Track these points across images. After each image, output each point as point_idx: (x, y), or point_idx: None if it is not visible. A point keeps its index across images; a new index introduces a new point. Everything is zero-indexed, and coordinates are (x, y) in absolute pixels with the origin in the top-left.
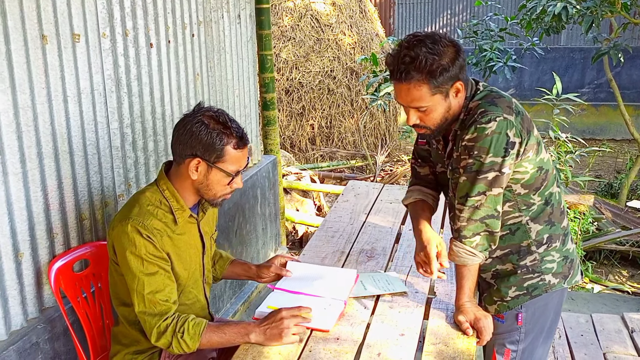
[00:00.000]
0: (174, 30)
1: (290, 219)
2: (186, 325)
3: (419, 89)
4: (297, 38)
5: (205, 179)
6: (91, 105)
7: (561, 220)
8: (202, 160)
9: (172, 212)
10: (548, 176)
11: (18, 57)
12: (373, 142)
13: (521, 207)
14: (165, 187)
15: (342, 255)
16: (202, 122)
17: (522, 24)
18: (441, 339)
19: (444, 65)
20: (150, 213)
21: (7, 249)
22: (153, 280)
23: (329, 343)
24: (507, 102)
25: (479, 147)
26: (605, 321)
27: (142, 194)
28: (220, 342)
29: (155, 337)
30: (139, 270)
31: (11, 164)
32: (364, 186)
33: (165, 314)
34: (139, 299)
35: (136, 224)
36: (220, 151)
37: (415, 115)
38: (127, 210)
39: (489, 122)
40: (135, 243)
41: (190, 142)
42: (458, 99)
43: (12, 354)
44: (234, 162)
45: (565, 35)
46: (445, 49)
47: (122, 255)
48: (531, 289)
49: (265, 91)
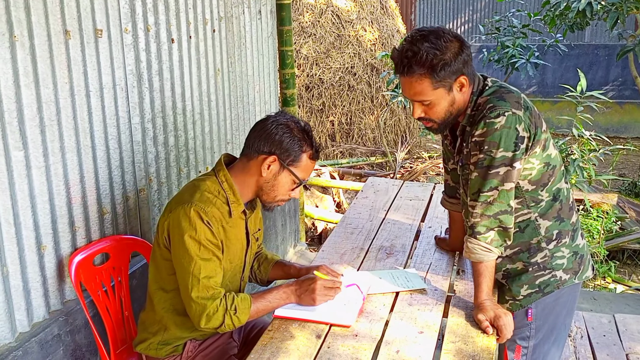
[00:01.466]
0: (195, 25)
1: (310, 215)
2: (237, 302)
3: (421, 82)
4: (317, 34)
5: (273, 179)
6: (113, 100)
7: (570, 216)
8: (277, 160)
9: (228, 204)
10: (555, 172)
11: (41, 52)
12: (393, 139)
13: (529, 204)
14: (224, 178)
15: (361, 251)
16: (287, 126)
17: (545, 20)
18: (460, 337)
19: (446, 60)
20: (210, 201)
21: (31, 241)
22: (208, 265)
23: (347, 339)
24: (516, 97)
25: (489, 142)
26: (628, 322)
27: (202, 181)
28: (265, 310)
29: (205, 321)
30: (196, 254)
31: (34, 158)
32: (384, 183)
33: (216, 297)
34: (194, 282)
35: (199, 208)
36: (297, 156)
37: (419, 109)
38: (189, 195)
39: (498, 116)
40: (196, 227)
41: (271, 140)
42: (463, 93)
43: (34, 346)
44: (304, 170)
45: (589, 31)
46: (448, 43)
47: (179, 238)
48: (543, 286)
49: (286, 87)
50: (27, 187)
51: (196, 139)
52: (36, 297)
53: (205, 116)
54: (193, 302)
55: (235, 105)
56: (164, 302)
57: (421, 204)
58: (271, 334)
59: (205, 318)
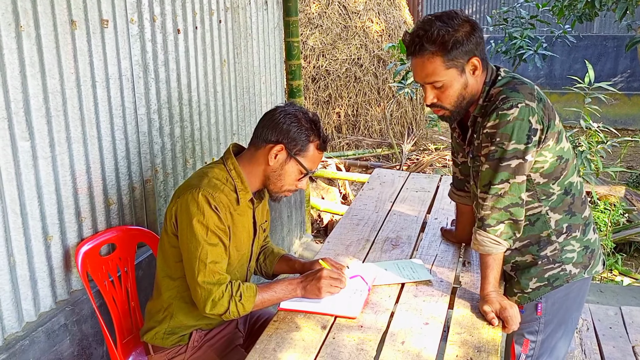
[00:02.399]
0: (201, 16)
1: (316, 207)
2: (242, 289)
3: (433, 61)
4: (324, 25)
5: (280, 168)
6: (119, 90)
7: (582, 210)
8: (284, 149)
9: (236, 192)
10: (568, 166)
11: (47, 42)
12: (400, 131)
13: (540, 197)
14: (232, 166)
15: (366, 243)
16: (295, 116)
17: (553, 11)
18: (466, 329)
19: (458, 38)
20: (217, 187)
21: (37, 231)
22: (214, 250)
23: (353, 331)
24: (529, 89)
25: (501, 133)
26: (634, 314)
27: (210, 169)
28: (270, 300)
29: (210, 306)
30: (203, 239)
31: (41, 148)
32: (390, 174)
33: (222, 283)
34: (200, 266)
35: (207, 193)
36: (304, 146)
37: (432, 94)
38: (197, 181)
39: (511, 108)
40: (204, 212)
41: (278, 129)
42: (475, 77)
43: (41, 335)
44: (311, 160)
45: (598, 22)
46: (461, 23)
47: (187, 223)
48: (552, 280)
49: (292, 78)
50: (33, 177)
51: (202, 130)
52: (43, 287)
53: (211, 107)
54: (199, 286)
55: (242, 97)
56: (171, 289)
57: (427, 196)
58: (277, 324)
59: (211, 303)
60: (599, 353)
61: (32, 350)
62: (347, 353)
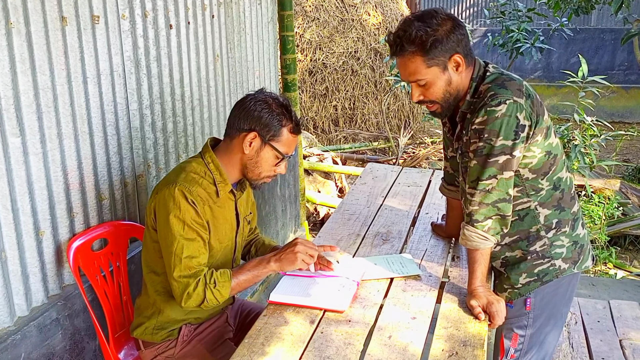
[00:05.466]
0: (193, 11)
1: (312, 201)
2: (215, 276)
3: (414, 61)
4: (321, 18)
5: (256, 155)
6: (110, 86)
7: (571, 206)
8: (258, 136)
9: (215, 184)
10: (557, 161)
11: (38, 39)
12: (396, 124)
13: (529, 192)
14: (210, 159)
15: (357, 238)
16: (265, 102)
17: (550, 4)
18: (452, 323)
19: (437, 37)
20: (195, 181)
21: (28, 227)
22: (191, 245)
23: (341, 325)
24: (518, 85)
25: (489, 130)
26: (623, 308)
27: (188, 163)
28: (246, 280)
29: (185, 299)
30: (179, 234)
31: (32, 144)
32: (382, 169)
33: (197, 277)
34: (176, 261)
35: (183, 188)
36: (277, 131)
37: (417, 91)
38: (174, 176)
39: (499, 104)
40: (180, 207)
41: (250, 117)
42: (459, 73)
43: (33, 330)
44: (286, 144)
45: (595, 15)
46: (440, 22)
47: (165, 218)
48: (542, 275)
49: (287, 72)
50: (24, 173)
51: (195, 125)
52: (35, 281)
53: (204, 102)
54: (175, 281)
55: (235, 91)
56: (156, 285)
57: (419, 190)
58: (265, 319)
59: (186, 296)
60: (587, 347)
61: (24, 344)
62: (335, 347)
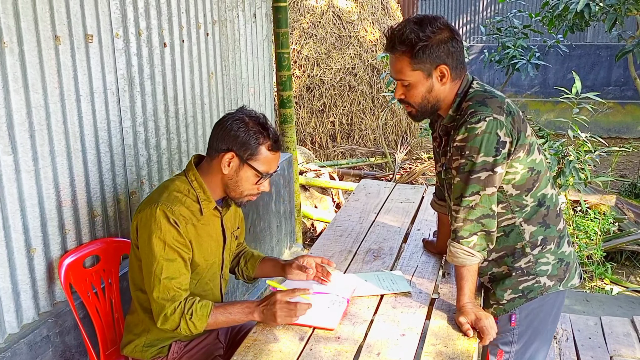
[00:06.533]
0: (188, 29)
1: (309, 216)
2: (194, 307)
3: (401, 60)
4: (318, 35)
5: (235, 175)
6: (104, 104)
7: (557, 223)
8: (235, 156)
9: (199, 202)
10: (540, 177)
11: (31, 58)
12: (394, 140)
13: (514, 209)
14: (193, 177)
15: (349, 254)
16: (242, 120)
17: (544, 21)
18: (441, 340)
19: (427, 44)
20: (178, 200)
21: (20, 244)
22: (171, 266)
23: (330, 342)
24: (498, 102)
25: (470, 147)
26: (614, 324)
27: (171, 182)
28: (226, 322)
29: (162, 321)
30: (160, 255)
31: (24, 162)
32: (376, 185)
33: (175, 300)
34: (155, 281)
35: (165, 207)
36: (255, 149)
37: (400, 90)
38: (157, 195)
39: (479, 122)
40: (162, 227)
41: (228, 137)
42: (443, 84)
43: (23, 347)
44: (265, 163)
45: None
46: (436, 30)
47: (146, 238)
48: (527, 292)
49: (282, 89)
50: (16, 190)
51: (189, 141)
52: (25, 299)
53: (199, 119)
54: (154, 302)
55: (229, 108)
56: (144, 302)
57: (412, 207)
58: (255, 335)
59: (163, 318)
60: None
61: None
62: None
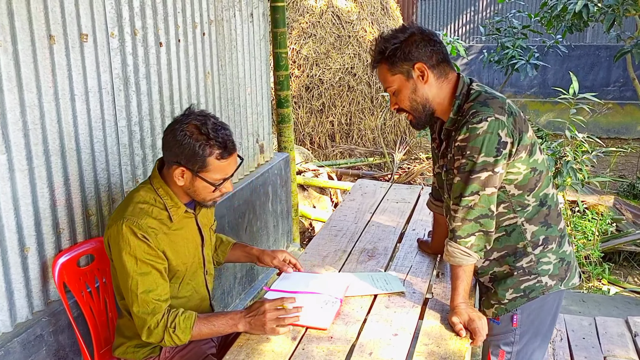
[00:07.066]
0: (184, 29)
1: (307, 216)
2: (177, 320)
3: (381, 69)
4: (317, 35)
5: (191, 185)
6: (99, 103)
7: (558, 222)
8: (186, 170)
9: (167, 210)
10: (542, 177)
11: (25, 57)
12: (393, 140)
13: (516, 208)
14: (159, 185)
15: (343, 254)
16: (185, 132)
17: (542, 21)
18: (433, 340)
19: (397, 46)
20: (144, 212)
21: (13, 243)
22: (146, 279)
23: (322, 342)
24: (500, 103)
25: (471, 147)
26: (608, 324)
27: (136, 192)
28: (210, 333)
29: (146, 334)
30: (132, 270)
31: (17, 161)
32: (372, 185)
33: (157, 312)
34: (133, 297)
35: (131, 223)
36: (203, 162)
37: (393, 99)
38: (122, 210)
39: (480, 122)
40: (130, 244)
41: (175, 150)
42: (427, 84)
43: (17, 346)
44: (217, 171)
45: (590, 32)
46: (407, 34)
47: (117, 255)
48: (528, 291)
49: (280, 89)
50: (9, 189)
51: None
52: (19, 298)
53: None
54: (135, 316)
55: (226, 108)
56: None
57: (407, 207)
58: (248, 335)
59: (147, 332)
60: None
61: None
62: None
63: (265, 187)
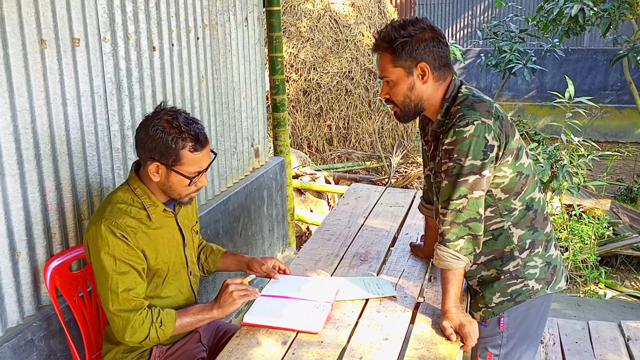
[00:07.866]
0: (177, 33)
1: (304, 220)
2: (162, 316)
3: (383, 57)
4: (315, 39)
5: (167, 181)
6: (91, 107)
7: (544, 226)
8: (160, 164)
9: (146, 208)
10: (528, 181)
11: (16, 61)
12: (390, 144)
13: (502, 212)
14: (136, 185)
15: (335, 258)
16: (157, 127)
17: (539, 25)
18: (424, 344)
19: (406, 40)
20: (123, 211)
21: (4, 247)
22: (125, 278)
23: (313, 346)
24: (487, 107)
25: (458, 150)
26: (601, 329)
27: (114, 193)
28: (190, 323)
29: (130, 333)
30: (112, 269)
31: (8, 165)
32: (366, 189)
33: (139, 309)
34: (113, 297)
35: (109, 223)
36: (177, 155)
37: (386, 88)
38: (101, 211)
39: (467, 125)
40: (109, 243)
41: (148, 146)
42: (425, 84)
43: (7, 351)
44: (192, 164)
45: (587, 36)
46: (418, 29)
47: (96, 256)
48: (515, 295)
49: (276, 93)
50: (0, 194)
51: None
52: (10, 302)
53: None
54: (115, 315)
55: (220, 112)
56: None
57: (401, 211)
58: (238, 340)
59: (130, 330)
60: None
61: None
62: None
63: (260, 191)
